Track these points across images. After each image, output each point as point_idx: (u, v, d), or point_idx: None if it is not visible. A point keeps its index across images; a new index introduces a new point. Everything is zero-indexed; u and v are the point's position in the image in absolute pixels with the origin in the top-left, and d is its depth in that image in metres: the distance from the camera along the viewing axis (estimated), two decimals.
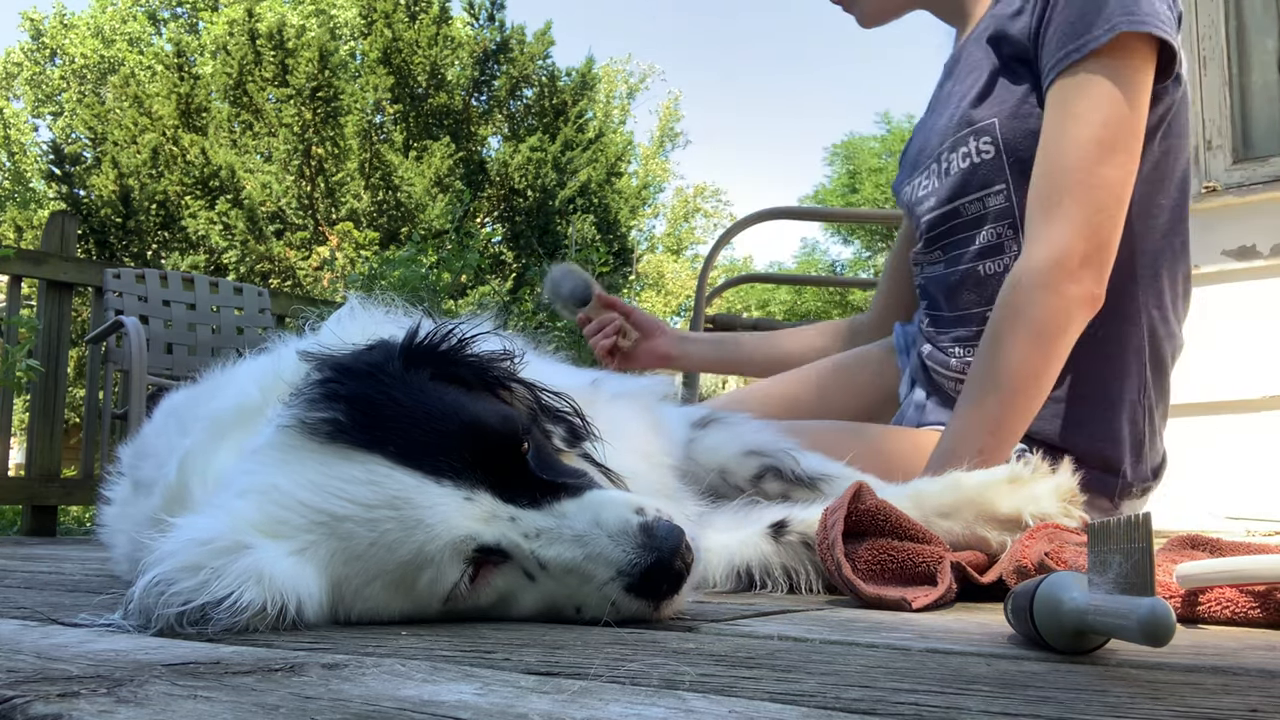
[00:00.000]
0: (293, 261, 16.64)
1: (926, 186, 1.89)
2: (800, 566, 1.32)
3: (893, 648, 0.83)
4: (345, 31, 21.16)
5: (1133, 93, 1.55)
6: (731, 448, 1.50)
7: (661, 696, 0.61)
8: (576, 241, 12.96)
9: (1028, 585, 0.83)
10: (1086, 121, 1.55)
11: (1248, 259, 3.09)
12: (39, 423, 4.83)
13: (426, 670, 0.70)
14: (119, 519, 1.46)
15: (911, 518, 1.31)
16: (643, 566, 0.93)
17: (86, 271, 5.01)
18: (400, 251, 7.59)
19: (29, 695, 0.58)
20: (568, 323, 7.24)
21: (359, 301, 1.31)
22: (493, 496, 0.94)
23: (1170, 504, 3.01)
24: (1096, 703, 0.60)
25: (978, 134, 1.73)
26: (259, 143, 17.30)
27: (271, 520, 0.92)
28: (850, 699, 0.60)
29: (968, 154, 1.75)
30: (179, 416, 1.37)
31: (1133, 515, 0.73)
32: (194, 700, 0.58)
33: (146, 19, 24.72)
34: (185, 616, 0.85)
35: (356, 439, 0.94)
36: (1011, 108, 1.69)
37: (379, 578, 0.93)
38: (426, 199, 16.81)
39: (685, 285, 27.17)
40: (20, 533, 4.93)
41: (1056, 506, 1.35)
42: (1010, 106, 1.70)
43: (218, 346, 4.92)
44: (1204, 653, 0.83)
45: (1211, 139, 3.18)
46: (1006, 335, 1.57)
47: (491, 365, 1.08)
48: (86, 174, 17.24)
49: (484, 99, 19.24)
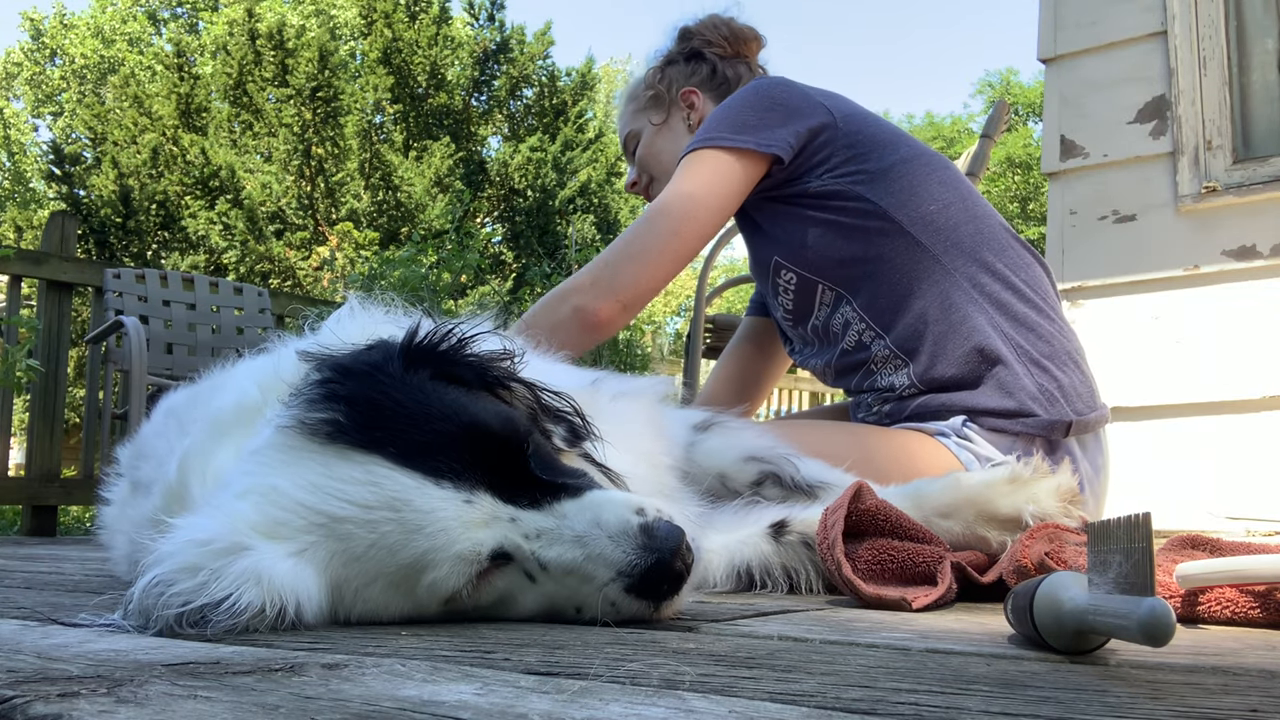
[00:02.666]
0: (293, 261, 16.63)
1: (805, 342, 2.12)
2: (800, 566, 1.32)
3: (893, 648, 0.83)
4: (345, 31, 21.15)
5: (696, 183, 1.92)
6: (731, 453, 1.50)
7: (661, 696, 0.61)
8: (576, 241, 12.95)
9: (1028, 585, 0.83)
10: (662, 196, 1.96)
11: (1248, 259, 3.09)
12: (39, 423, 4.83)
13: (426, 670, 0.69)
14: (118, 519, 1.46)
15: (911, 518, 1.31)
16: (643, 568, 0.92)
17: (86, 271, 5.01)
18: (400, 251, 7.59)
19: (29, 695, 0.58)
20: None
21: (359, 301, 1.30)
22: (493, 497, 0.94)
23: (1170, 504, 3.01)
24: (1096, 703, 0.60)
25: (776, 270, 2.02)
26: (259, 143, 17.29)
27: (271, 521, 0.92)
28: (850, 699, 0.60)
29: (785, 287, 2.02)
30: (178, 416, 1.37)
31: (1133, 515, 0.73)
32: (194, 700, 0.58)
33: (146, 19, 24.73)
34: (184, 617, 0.85)
35: (356, 440, 0.94)
36: (771, 239, 2.02)
37: (379, 579, 0.93)
38: (426, 199, 16.80)
39: (685, 285, 27.14)
40: (20, 533, 4.93)
41: (1056, 506, 1.35)
42: (769, 240, 2.02)
43: (218, 346, 4.91)
44: (1204, 653, 0.83)
45: (1211, 139, 3.18)
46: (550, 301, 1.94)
47: (491, 365, 1.08)
48: (86, 174, 17.23)
49: (484, 99, 19.24)
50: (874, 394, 1.95)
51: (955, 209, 1.92)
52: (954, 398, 1.83)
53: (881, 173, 1.92)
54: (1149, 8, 3.34)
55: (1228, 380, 3.09)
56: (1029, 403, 1.80)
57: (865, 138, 1.96)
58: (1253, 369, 3.05)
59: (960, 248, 1.88)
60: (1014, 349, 1.83)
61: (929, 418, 1.85)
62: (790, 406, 8.14)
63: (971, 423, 1.80)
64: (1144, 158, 3.31)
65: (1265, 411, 3.03)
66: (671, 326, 24.26)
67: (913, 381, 1.87)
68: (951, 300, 1.85)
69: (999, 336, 1.83)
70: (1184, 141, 3.22)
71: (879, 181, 1.91)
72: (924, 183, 1.94)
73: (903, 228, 1.88)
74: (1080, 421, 1.82)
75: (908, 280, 1.88)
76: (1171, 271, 3.22)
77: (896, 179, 1.92)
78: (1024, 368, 1.82)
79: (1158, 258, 3.25)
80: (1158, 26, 3.32)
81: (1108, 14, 3.42)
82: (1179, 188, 3.22)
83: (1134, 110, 3.34)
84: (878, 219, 1.89)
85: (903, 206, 1.90)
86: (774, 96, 1.98)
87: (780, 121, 1.94)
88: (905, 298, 1.88)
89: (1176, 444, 3.11)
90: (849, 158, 1.93)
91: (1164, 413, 3.14)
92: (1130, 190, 3.33)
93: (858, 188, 1.91)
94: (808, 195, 1.94)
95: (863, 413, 2.00)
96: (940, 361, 1.84)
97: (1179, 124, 3.24)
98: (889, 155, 1.94)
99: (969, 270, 1.87)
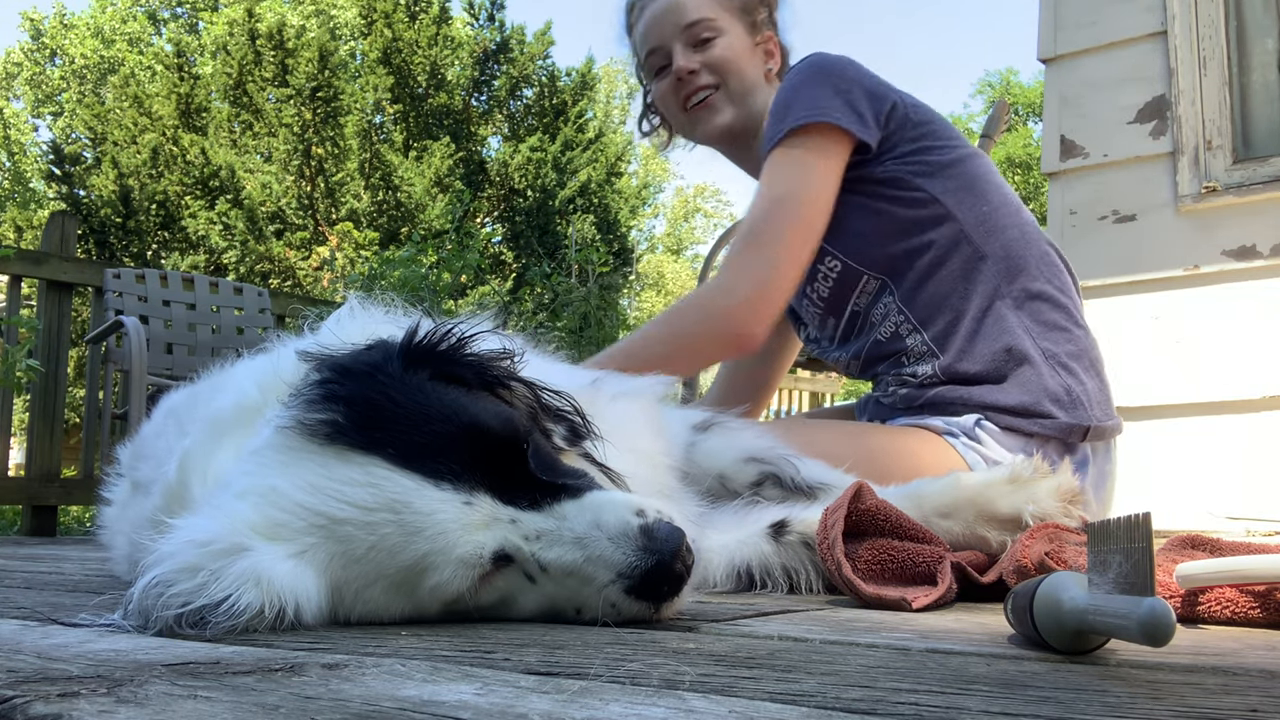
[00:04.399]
0: (293, 261, 16.64)
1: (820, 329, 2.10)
2: (800, 566, 1.32)
3: (893, 648, 0.83)
4: (345, 31, 21.15)
5: (807, 170, 1.86)
6: (731, 453, 1.50)
7: (661, 696, 0.61)
8: (576, 241, 12.94)
9: (1028, 585, 0.83)
10: (766, 194, 1.86)
11: (1248, 259, 3.09)
12: (39, 423, 4.83)
13: (426, 670, 0.69)
14: (118, 519, 1.46)
15: (911, 518, 1.31)
16: (643, 569, 0.92)
17: (86, 271, 5.01)
18: (400, 251, 7.58)
19: (29, 695, 0.58)
20: (568, 322, 7.25)
21: (359, 301, 1.30)
22: (492, 499, 0.94)
23: (1170, 504, 3.01)
24: (1096, 703, 0.60)
25: (819, 256, 1.94)
26: (259, 143, 17.30)
27: (270, 522, 0.92)
28: (850, 699, 0.60)
29: (825, 274, 1.98)
30: (178, 417, 1.37)
31: (1133, 515, 0.73)
32: (194, 700, 0.58)
33: (146, 19, 24.72)
34: (184, 618, 0.85)
35: (355, 440, 0.94)
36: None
37: (379, 581, 0.93)
38: (426, 199, 16.81)
39: (685, 285, 27.17)
40: (20, 533, 4.93)
41: (1056, 506, 1.35)
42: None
43: (218, 346, 4.91)
44: (1204, 653, 0.83)
45: (1211, 139, 3.18)
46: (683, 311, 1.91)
47: (491, 365, 1.08)
48: (86, 174, 17.24)
49: (484, 99, 19.24)
50: (895, 376, 1.94)
51: (1005, 212, 1.92)
52: (974, 391, 1.83)
53: (944, 166, 1.91)
54: (1149, 8, 3.34)
55: (1227, 380, 3.09)
56: (1050, 404, 1.79)
57: (930, 130, 1.94)
58: (1253, 369, 3.05)
59: (1007, 250, 1.88)
60: (1042, 352, 1.83)
61: (944, 409, 1.84)
62: (790, 407, 8.13)
63: (987, 421, 1.80)
64: (1144, 158, 3.31)
65: (1265, 411, 3.02)
66: None
67: (936, 371, 1.87)
68: (992, 301, 1.85)
69: (1029, 339, 1.83)
70: (1184, 141, 3.22)
71: (941, 176, 1.90)
72: (981, 183, 1.93)
73: (959, 225, 1.88)
74: (1098, 428, 1.82)
75: (954, 278, 1.87)
76: (1171, 271, 3.22)
77: (957, 176, 1.91)
78: (1050, 369, 1.82)
79: (1158, 258, 3.25)
80: (1158, 26, 3.32)
81: (1108, 14, 3.42)
82: (1179, 188, 3.22)
83: (1134, 110, 3.34)
84: (937, 213, 1.88)
85: (961, 204, 1.89)
86: (854, 78, 1.92)
87: (868, 103, 1.89)
88: (948, 295, 1.87)
89: (1176, 444, 3.11)
90: (915, 148, 1.91)
91: (1164, 413, 3.14)
92: (1130, 190, 3.33)
93: (919, 179, 1.89)
94: (870, 180, 1.90)
95: (879, 390, 1.99)
96: (968, 357, 1.84)
97: (1179, 124, 3.24)
98: (951, 151, 1.93)
99: (1011, 274, 1.87)
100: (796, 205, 1.84)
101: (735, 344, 1.87)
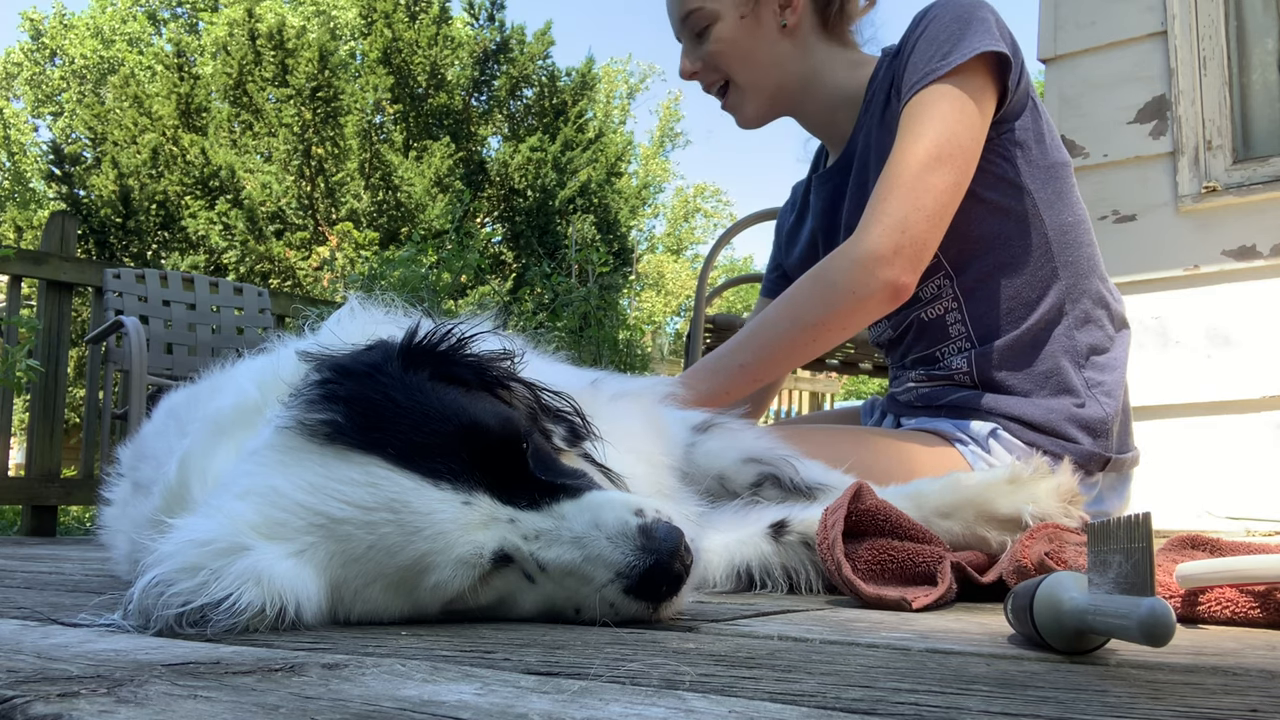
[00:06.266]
0: (293, 261, 16.64)
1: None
2: (800, 566, 1.32)
3: (893, 648, 0.83)
4: (345, 31, 21.16)
5: (967, 115, 1.71)
6: (731, 454, 1.50)
7: (661, 696, 0.61)
8: (577, 241, 12.94)
9: (1028, 585, 0.83)
10: (922, 136, 1.71)
11: (1248, 259, 3.09)
12: (39, 423, 4.83)
13: (426, 670, 0.69)
14: (119, 520, 1.46)
15: (911, 518, 1.31)
16: (641, 569, 0.92)
17: (86, 271, 5.01)
18: (400, 251, 7.59)
19: (29, 695, 0.58)
20: (568, 322, 7.25)
21: (359, 301, 1.30)
22: (492, 499, 0.94)
23: (1170, 504, 3.01)
24: (1096, 703, 0.60)
25: None
26: (259, 143, 17.30)
27: (270, 522, 0.92)
28: (850, 699, 0.60)
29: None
30: (178, 417, 1.37)
31: (1133, 515, 0.73)
32: (194, 700, 0.58)
33: (146, 19, 24.73)
34: (184, 618, 0.85)
35: (355, 440, 0.94)
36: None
37: (378, 580, 0.93)
38: (426, 199, 16.81)
39: (685, 285, 27.17)
40: (20, 533, 4.93)
41: (1056, 506, 1.35)
42: None
43: (218, 346, 4.91)
44: (1204, 653, 0.83)
45: (1211, 139, 3.18)
46: (805, 284, 1.75)
47: (491, 365, 1.08)
48: (86, 174, 17.24)
49: (484, 99, 19.25)
50: (923, 370, 1.90)
51: (1082, 229, 1.88)
52: (1001, 401, 1.80)
53: (1043, 164, 1.84)
54: (1149, 8, 3.34)
55: (1227, 380, 3.09)
56: (1075, 429, 1.77)
57: (1047, 121, 1.86)
58: (1252, 369, 3.05)
59: (1077, 267, 1.84)
60: (1085, 382, 1.80)
61: (966, 412, 1.83)
62: (790, 407, 8.13)
63: (1004, 432, 1.77)
64: (1144, 158, 3.31)
65: (1265, 411, 3.03)
66: (671, 327, 24.26)
67: (971, 370, 1.84)
68: (1053, 321, 1.82)
69: (1073, 367, 1.80)
70: (1184, 141, 3.22)
71: (1040, 172, 1.83)
72: (1072, 192, 1.88)
73: (1044, 228, 1.82)
74: (1117, 460, 1.81)
75: (1021, 280, 1.82)
76: (1171, 271, 3.22)
77: (1053, 179, 1.85)
78: (1088, 397, 1.79)
79: (1158, 258, 3.25)
80: (1158, 26, 3.32)
81: (1108, 14, 3.42)
82: (1179, 188, 3.22)
83: (1134, 110, 3.34)
84: (1026, 207, 1.82)
85: (1051, 207, 1.83)
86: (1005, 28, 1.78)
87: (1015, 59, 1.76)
88: (1012, 302, 1.82)
89: (1176, 444, 3.11)
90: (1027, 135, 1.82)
91: (1164, 413, 3.14)
92: (1130, 190, 3.33)
93: (1018, 164, 1.81)
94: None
95: (896, 386, 1.95)
96: (1009, 368, 1.80)
97: (1179, 124, 3.24)
98: (1054, 153, 1.86)
99: (1074, 292, 1.83)
100: (951, 151, 1.70)
101: (890, 294, 1.70)
